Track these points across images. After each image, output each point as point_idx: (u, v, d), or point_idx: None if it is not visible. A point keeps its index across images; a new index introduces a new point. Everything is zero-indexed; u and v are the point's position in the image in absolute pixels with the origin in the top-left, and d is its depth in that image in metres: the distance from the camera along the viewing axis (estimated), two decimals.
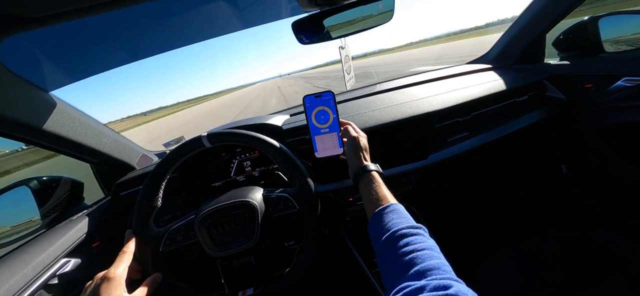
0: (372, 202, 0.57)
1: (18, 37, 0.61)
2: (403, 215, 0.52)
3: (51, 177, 0.99)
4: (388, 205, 0.54)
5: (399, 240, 0.46)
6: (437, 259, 0.41)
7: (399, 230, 0.47)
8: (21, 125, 0.73)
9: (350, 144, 0.72)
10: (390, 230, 0.48)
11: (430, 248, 0.43)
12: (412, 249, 0.43)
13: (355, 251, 1.09)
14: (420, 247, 0.43)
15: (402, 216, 0.52)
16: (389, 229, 0.48)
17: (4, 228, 0.89)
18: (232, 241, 0.70)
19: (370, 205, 0.57)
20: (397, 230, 0.47)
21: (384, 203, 0.55)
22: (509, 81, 1.16)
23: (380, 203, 0.55)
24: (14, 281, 0.65)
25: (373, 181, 0.61)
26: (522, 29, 1.22)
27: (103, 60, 0.93)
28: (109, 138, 1.03)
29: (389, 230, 0.48)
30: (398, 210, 0.53)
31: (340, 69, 1.04)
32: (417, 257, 0.41)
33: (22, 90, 0.72)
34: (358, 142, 0.71)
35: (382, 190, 0.59)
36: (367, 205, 0.59)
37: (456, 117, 1.07)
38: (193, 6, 0.81)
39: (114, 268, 0.56)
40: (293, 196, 0.73)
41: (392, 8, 0.70)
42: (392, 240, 0.46)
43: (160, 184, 0.71)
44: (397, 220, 0.50)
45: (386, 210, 0.53)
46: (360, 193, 0.63)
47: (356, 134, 0.73)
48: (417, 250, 0.43)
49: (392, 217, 0.51)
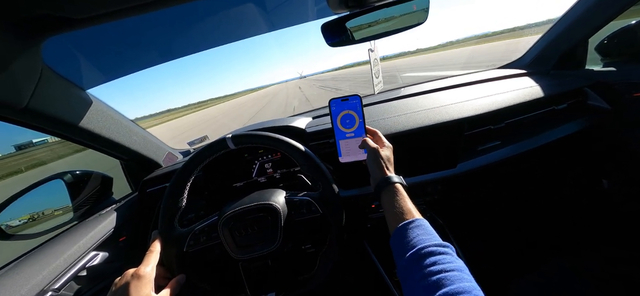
0: (395, 215, 0.55)
1: (59, 37, 0.64)
2: (429, 231, 0.49)
3: (84, 171, 1.03)
4: (413, 219, 0.52)
5: (425, 258, 0.43)
6: (468, 282, 0.38)
7: (425, 248, 0.45)
8: (60, 122, 0.76)
9: (373, 154, 0.69)
10: (416, 247, 0.45)
11: (459, 270, 0.40)
12: (440, 269, 0.40)
13: (376, 260, 1.06)
14: (448, 267, 0.40)
15: (428, 232, 0.49)
16: (414, 246, 0.46)
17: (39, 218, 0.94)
18: (254, 244, 0.69)
19: (393, 219, 0.55)
20: (422, 247, 0.45)
21: (408, 218, 0.52)
22: (546, 88, 1.08)
23: (405, 217, 0.53)
24: (47, 272, 0.68)
25: (397, 193, 0.59)
26: (562, 32, 1.14)
27: (136, 61, 0.96)
28: (138, 135, 1.06)
29: (414, 246, 0.46)
30: (423, 226, 0.50)
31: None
32: (446, 278, 0.39)
33: (62, 88, 0.75)
34: (382, 151, 0.68)
35: (407, 203, 0.57)
36: (389, 218, 0.57)
37: (488, 124, 1.01)
38: (222, 9, 0.82)
39: (143, 267, 0.57)
40: (316, 200, 0.72)
41: (427, 7, 0.67)
42: (418, 257, 0.44)
43: (186, 185, 0.72)
44: (423, 237, 0.47)
45: (411, 225, 0.50)
46: (383, 205, 0.61)
47: (378, 145, 0.71)
48: (446, 271, 0.40)
49: (418, 232, 0.49)
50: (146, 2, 0.58)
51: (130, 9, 0.59)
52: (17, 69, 0.59)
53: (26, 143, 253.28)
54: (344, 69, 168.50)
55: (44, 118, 0.72)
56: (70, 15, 0.55)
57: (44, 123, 0.73)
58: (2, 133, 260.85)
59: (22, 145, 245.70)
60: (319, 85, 36.08)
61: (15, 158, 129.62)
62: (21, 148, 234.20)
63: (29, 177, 26.18)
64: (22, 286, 0.63)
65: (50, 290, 0.67)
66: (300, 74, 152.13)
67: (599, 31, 1.09)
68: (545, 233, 1.31)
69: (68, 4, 0.52)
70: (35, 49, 0.61)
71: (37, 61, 0.64)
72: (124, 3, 0.56)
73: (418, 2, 0.67)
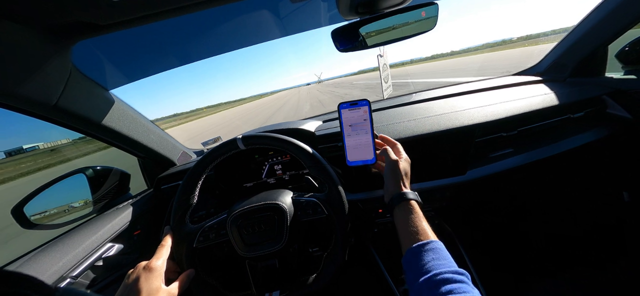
0: (409, 234, 0.54)
1: (88, 41, 0.69)
2: (444, 255, 0.48)
3: (104, 167, 1.09)
4: (428, 241, 0.50)
5: (441, 285, 0.42)
6: None
7: (440, 274, 0.43)
8: (85, 120, 0.81)
9: (389, 166, 0.67)
10: (431, 272, 0.44)
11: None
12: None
13: (382, 265, 1.06)
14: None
15: (444, 256, 0.48)
16: (429, 270, 0.45)
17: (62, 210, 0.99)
18: (261, 243, 0.71)
19: (406, 238, 0.54)
20: (438, 273, 0.44)
21: (423, 238, 0.51)
22: (562, 95, 1.05)
23: (419, 237, 0.52)
24: (66, 260, 0.72)
25: (412, 211, 0.57)
26: (581, 38, 1.11)
27: (157, 63, 1.02)
28: (155, 134, 1.11)
29: (428, 271, 0.45)
30: (439, 249, 0.49)
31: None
32: None
33: (88, 88, 0.81)
34: (401, 164, 0.67)
35: (422, 222, 0.55)
36: (403, 236, 0.55)
37: (500, 131, 0.99)
38: (238, 15, 0.85)
39: (155, 260, 0.59)
40: (322, 201, 0.73)
41: (436, 14, 0.68)
42: (433, 284, 0.43)
43: (197, 182, 0.75)
44: (439, 262, 0.46)
45: (426, 247, 0.49)
46: (395, 221, 0.59)
47: (398, 157, 0.69)
48: None
49: (433, 256, 0.47)
50: (168, 8, 0.62)
51: (153, 15, 0.63)
52: (49, 70, 0.64)
53: (17, 149, 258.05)
54: (358, 74, 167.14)
55: (71, 116, 0.77)
56: (98, 21, 0.60)
57: (71, 121, 0.79)
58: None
59: (12, 151, 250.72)
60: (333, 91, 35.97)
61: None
62: (11, 154, 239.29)
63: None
64: (43, 272, 0.67)
65: (69, 276, 0.71)
66: (318, 78, 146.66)
67: (619, 38, 1.05)
68: (559, 245, 1.26)
69: (97, 10, 0.57)
70: (65, 52, 0.66)
71: (66, 63, 0.69)
72: (147, 9, 0.60)
73: (427, 9, 0.67)
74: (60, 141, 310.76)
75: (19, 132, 60.94)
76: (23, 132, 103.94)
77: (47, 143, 48.84)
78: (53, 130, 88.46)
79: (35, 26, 0.56)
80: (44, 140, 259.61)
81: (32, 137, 36.14)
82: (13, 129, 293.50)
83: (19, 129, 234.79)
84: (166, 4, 0.60)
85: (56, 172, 1.55)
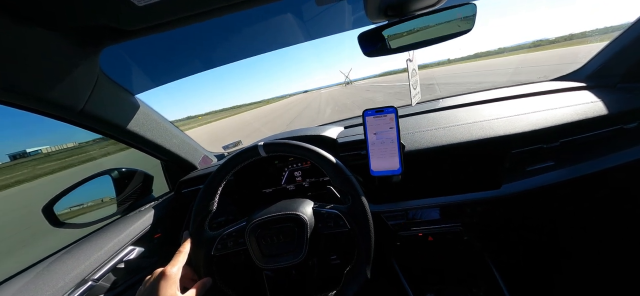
0: None
1: (115, 46, 0.70)
2: None
3: (129, 169, 1.11)
4: None
5: None
6: None
7: None
8: (111, 124, 0.83)
9: None
10: None
11: None
12: None
13: (404, 280, 1.00)
14: None
15: None
16: None
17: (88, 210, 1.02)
18: (280, 255, 0.68)
19: None
20: None
21: None
22: (612, 103, 0.95)
23: None
24: (89, 262, 0.73)
25: None
26: (634, 40, 1.00)
27: (182, 68, 1.03)
28: (177, 138, 1.12)
29: None
30: None
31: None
32: None
33: (115, 93, 0.82)
34: None
35: None
36: None
37: (539, 142, 0.90)
38: (262, 19, 0.84)
39: (170, 267, 0.58)
40: (345, 214, 0.69)
41: (474, 13, 0.62)
42: None
43: (217, 189, 0.73)
44: None
45: None
46: None
47: None
48: None
49: None
50: (193, 13, 0.61)
51: (178, 20, 0.63)
52: (77, 75, 0.65)
53: (21, 152, 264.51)
54: (385, 76, 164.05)
55: (97, 120, 0.78)
56: (125, 26, 0.60)
57: (97, 125, 0.80)
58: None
59: (16, 154, 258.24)
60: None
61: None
62: (16, 157, 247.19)
63: None
64: (65, 275, 0.68)
65: (90, 279, 0.72)
66: (346, 77, 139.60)
67: None
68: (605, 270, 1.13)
69: (124, 16, 0.57)
70: (93, 57, 0.67)
71: (94, 68, 0.70)
72: (173, 14, 0.60)
73: (463, 9, 0.62)
74: (66, 144, 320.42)
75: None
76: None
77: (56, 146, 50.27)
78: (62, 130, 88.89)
79: (64, 31, 0.57)
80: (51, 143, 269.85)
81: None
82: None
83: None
84: (191, 9, 0.60)
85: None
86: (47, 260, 0.74)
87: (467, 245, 1.02)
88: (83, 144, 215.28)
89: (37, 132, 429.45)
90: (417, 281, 1.00)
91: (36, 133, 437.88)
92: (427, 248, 1.06)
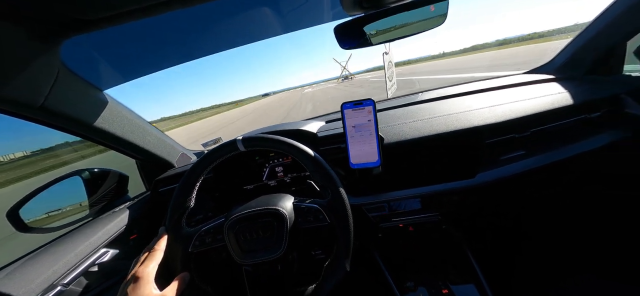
0: None
1: (79, 38, 0.66)
2: None
3: (101, 169, 1.06)
4: None
5: None
6: None
7: None
8: (76, 121, 0.78)
9: None
10: None
11: None
12: None
13: (386, 272, 1.02)
14: None
15: None
16: None
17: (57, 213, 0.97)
18: (259, 250, 0.67)
19: None
20: None
21: None
22: (577, 94, 1.00)
23: None
24: (57, 266, 0.69)
25: None
26: (597, 34, 1.05)
27: (153, 62, 0.99)
28: (152, 136, 1.08)
29: None
30: None
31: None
32: None
33: (79, 88, 0.78)
34: None
35: None
36: None
37: (511, 132, 0.94)
38: (236, 11, 0.82)
39: (143, 267, 0.56)
40: (324, 208, 0.69)
41: (446, 11, 0.63)
42: None
43: (195, 185, 0.71)
44: None
45: None
46: None
47: None
48: None
49: None
50: (161, 2, 0.58)
51: (145, 9, 0.59)
52: (35, 69, 0.60)
53: None
54: (374, 71, 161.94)
55: (60, 117, 0.74)
56: (86, 16, 0.57)
57: (61, 122, 0.76)
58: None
59: None
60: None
61: None
62: None
63: None
64: (32, 280, 0.64)
65: (59, 284, 0.69)
66: (343, 68, 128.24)
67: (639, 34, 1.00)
68: (574, 250, 1.21)
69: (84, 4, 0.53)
70: (53, 50, 0.63)
71: (54, 61, 0.65)
72: (138, 3, 0.57)
73: (437, 6, 0.63)
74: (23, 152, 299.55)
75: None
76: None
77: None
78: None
79: (17, 21, 0.53)
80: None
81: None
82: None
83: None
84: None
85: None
86: (10, 266, 0.70)
87: (445, 233, 1.05)
88: (53, 147, 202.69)
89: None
90: (397, 271, 1.02)
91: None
92: (407, 238, 1.08)
